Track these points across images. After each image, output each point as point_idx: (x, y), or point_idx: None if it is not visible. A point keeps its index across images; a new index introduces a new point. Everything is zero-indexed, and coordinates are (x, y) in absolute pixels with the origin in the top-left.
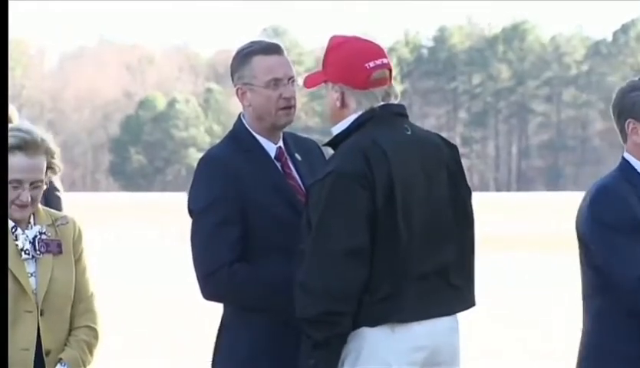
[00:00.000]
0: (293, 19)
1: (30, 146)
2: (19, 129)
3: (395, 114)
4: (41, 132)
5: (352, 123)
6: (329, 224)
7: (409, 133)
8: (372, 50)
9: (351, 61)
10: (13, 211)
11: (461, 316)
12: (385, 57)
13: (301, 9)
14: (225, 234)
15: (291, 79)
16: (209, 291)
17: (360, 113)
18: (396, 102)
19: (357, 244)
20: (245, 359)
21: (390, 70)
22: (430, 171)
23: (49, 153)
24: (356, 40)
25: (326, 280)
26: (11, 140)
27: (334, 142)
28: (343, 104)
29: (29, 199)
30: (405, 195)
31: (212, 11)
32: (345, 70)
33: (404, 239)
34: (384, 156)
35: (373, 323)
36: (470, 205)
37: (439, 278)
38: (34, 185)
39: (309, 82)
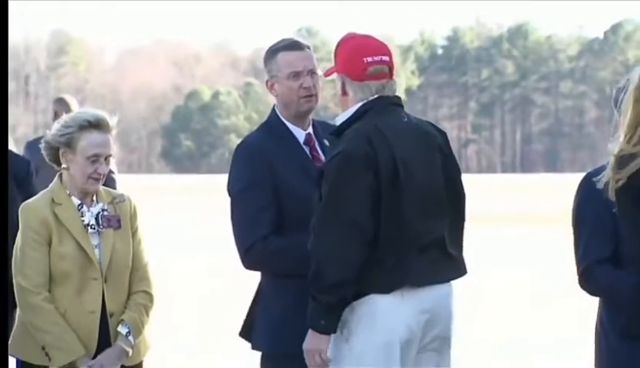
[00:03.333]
0: (324, 19)
1: (102, 124)
2: (86, 112)
3: (392, 104)
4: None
5: (354, 113)
6: (338, 199)
7: (406, 120)
8: (375, 47)
9: (352, 54)
10: (90, 184)
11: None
12: (387, 55)
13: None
14: (260, 213)
15: (310, 71)
16: (248, 262)
17: (360, 104)
18: (392, 94)
19: (362, 219)
20: (277, 318)
21: (391, 68)
22: (426, 154)
23: (112, 130)
24: (364, 37)
25: (337, 250)
26: (85, 120)
27: (338, 131)
28: (343, 92)
29: (106, 171)
30: (407, 175)
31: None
32: (347, 62)
33: (408, 214)
34: (386, 139)
35: (385, 290)
36: (461, 183)
37: (437, 249)
38: (108, 159)
39: (326, 73)
